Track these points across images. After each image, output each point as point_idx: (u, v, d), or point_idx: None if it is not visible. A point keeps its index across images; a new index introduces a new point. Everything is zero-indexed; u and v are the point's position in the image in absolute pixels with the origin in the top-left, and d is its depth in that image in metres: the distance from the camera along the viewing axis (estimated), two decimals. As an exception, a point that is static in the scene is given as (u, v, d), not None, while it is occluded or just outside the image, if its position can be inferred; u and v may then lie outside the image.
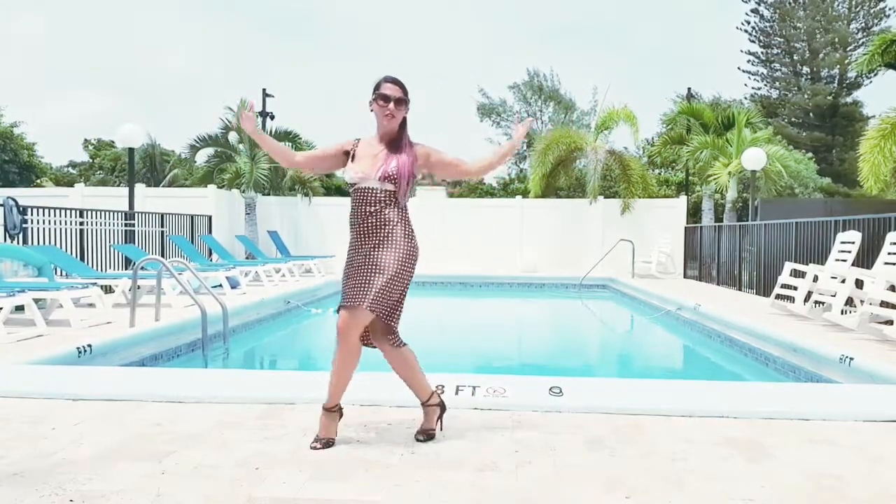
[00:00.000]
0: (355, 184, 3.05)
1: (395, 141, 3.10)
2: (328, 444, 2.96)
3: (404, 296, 3.11)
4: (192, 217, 13.45)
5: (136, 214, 11.41)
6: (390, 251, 3.00)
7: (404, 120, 3.13)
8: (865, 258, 7.40)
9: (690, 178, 19.29)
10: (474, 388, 3.81)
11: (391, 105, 3.04)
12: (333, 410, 3.04)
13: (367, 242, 3.02)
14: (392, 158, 3.05)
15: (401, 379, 3.17)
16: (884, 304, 6.20)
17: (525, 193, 18.64)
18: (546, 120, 38.63)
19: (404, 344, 3.15)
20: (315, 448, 2.92)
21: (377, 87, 3.08)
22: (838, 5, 33.22)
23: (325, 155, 3.22)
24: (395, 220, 3.03)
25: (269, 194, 16.91)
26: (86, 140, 34.33)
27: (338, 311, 3.05)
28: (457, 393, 3.71)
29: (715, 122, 16.49)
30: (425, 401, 3.15)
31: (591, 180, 16.17)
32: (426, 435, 3.07)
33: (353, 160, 3.11)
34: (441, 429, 3.16)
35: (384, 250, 2.99)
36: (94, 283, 7.20)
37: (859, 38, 31.77)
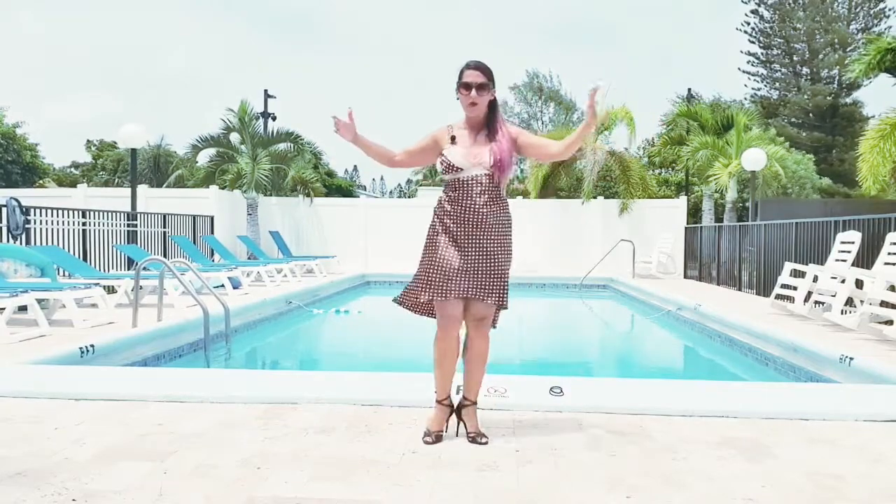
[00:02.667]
0: (459, 169, 3.01)
1: (492, 124, 3.08)
2: (439, 438, 3.02)
3: None
4: (194, 217, 13.47)
5: (138, 215, 11.43)
6: (501, 239, 3.05)
7: (494, 102, 3.10)
8: (865, 258, 7.40)
9: (690, 178, 19.29)
10: (465, 391, 3.81)
11: (473, 92, 3.00)
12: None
13: (476, 231, 3.00)
14: (495, 143, 3.03)
15: (470, 370, 3.11)
16: (884, 304, 6.20)
17: (526, 194, 18.64)
18: (546, 121, 38.65)
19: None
20: (427, 443, 2.97)
21: (460, 74, 3.05)
22: (838, 6, 33.22)
23: (423, 148, 3.18)
24: (500, 205, 3.06)
25: (270, 195, 16.92)
26: (88, 141, 34.39)
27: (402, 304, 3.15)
28: (458, 393, 3.71)
29: (714, 122, 16.50)
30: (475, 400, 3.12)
31: (588, 181, 16.18)
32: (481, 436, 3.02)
33: (453, 144, 3.06)
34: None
35: (494, 239, 3.03)
36: (97, 284, 7.21)
37: (859, 39, 31.75)
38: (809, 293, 7.42)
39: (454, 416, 3.13)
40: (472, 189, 3.01)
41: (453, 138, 3.08)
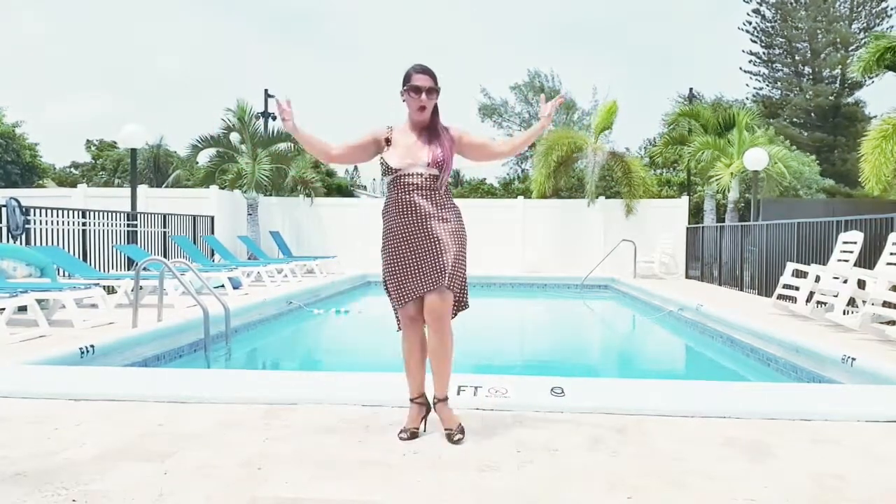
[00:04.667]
0: (398, 171, 3.04)
1: (432, 126, 3.13)
2: (414, 434, 3.08)
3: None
4: (194, 217, 13.47)
5: (138, 215, 11.43)
6: (447, 232, 3.07)
7: (436, 105, 3.14)
8: (867, 258, 7.39)
9: (692, 178, 19.27)
10: (476, 388, 3.81)
11: (423, 96, 3.05)
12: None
13: (421, 229, 3.04)
14: (435, 144, 3.09)
15: (433, 366, 3.15)
16: (886, 304, 6.19)
17: (527, 194, 18.64)
18: (547, 120, 38.53)
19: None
20: (402, 438, 3.03)
21: (407, 77, 3.08)
22: (840, 6, 33.18)
23: (360, 144, 3.18)
24: (444, 202, 3.10)
25: (270, 195, 16.92)
26: (88, 141, 34.39)
27: (397, 306, 3.15)
28: (458, 393, 3.71)
29: (715, 122, 16.49)
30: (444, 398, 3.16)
31: (590, 181, 16.18)
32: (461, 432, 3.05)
33: (389, 147, 3.10)
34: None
35: (441, 232, 3.06)
36: (97, 284, 7.22)
37: (861, 39, 31.73)
38: (811, 293, 7.41)
39: (424, 414, 3.20)
40: (409, 188, 3.05)
41: (388, 140, 3.12)
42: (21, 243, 8.36)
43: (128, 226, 11.12)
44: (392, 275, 3.10)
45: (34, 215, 8.86)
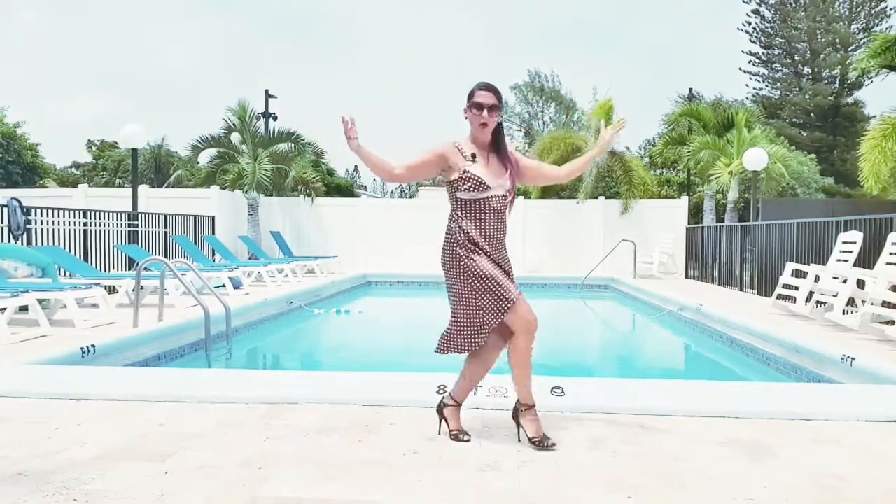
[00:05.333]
0: (487, 188, 3.02)
1: (502, 146, 3.14)
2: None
3: None
4: (195, 217, 13.48)
5: (139, 215, 11.43)
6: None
7: (500, 125, 3.13)
8: (867, 258, 7.40)
9: (692, 178, 19.27)
10: (476, 388, 3.81)
11: (485, 112, 3.03)
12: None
13: (502, 247, 3.10)
14: (509, 166, 3.12)
15: (523, 374, 3.07)
16: (885, 304, 6.20)
17: (527, 194, 18.65)
18: (547, 120, 38.65)
19: None
20: (467, 441, 3.03)
21: (470, 94, 3.08)
22: (839, 6, 33.19)
23: (425, 163, 3.12)
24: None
25: (271, 195, 16.93)
26: (89, 141, 34.41)
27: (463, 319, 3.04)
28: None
29: (715, 122, 16.50)
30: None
31: (586, 180, 16.19)
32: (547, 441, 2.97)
33: (475, 162, 3.05)
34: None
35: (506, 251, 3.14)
36: (98, 284, 7.22)
37: (860, 39, 31.74)
38: (811, 293, 7.41)
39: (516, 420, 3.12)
40: (498, 209, 3.06)
41: (474, 156, 3.07)
42: (22, 243, 8.36)
43: (129, 226, 11.12)
44: (487, 287, 2.95)
45: (35, 215, 8.87)
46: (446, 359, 3.24)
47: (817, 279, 7.30)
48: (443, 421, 3.16)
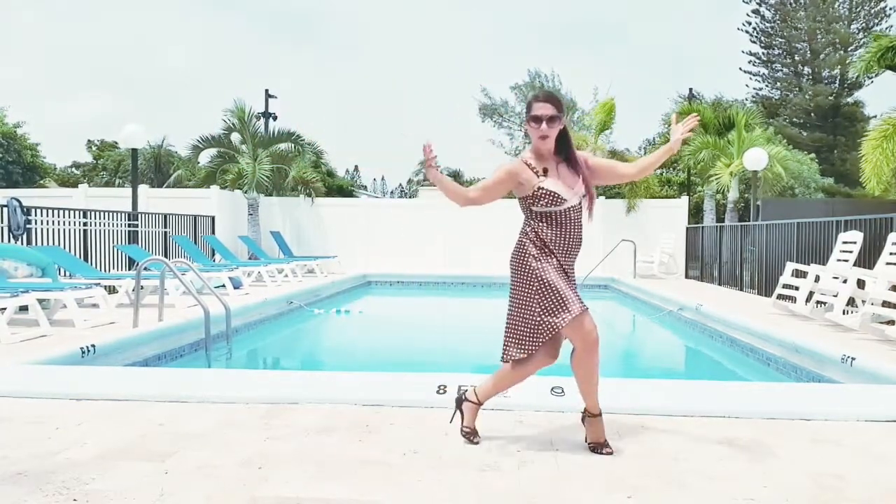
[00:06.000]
0: (564, 201, 2.98)
1: (570, 153, 3.08)
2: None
3: None
4: (195, 217, 13.48)
5: (139, 215, 11.44)
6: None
7: (565, 130, 3.06)
8: (867, 258, 7.40)
9: (692, 178, 19.27)
10: (476, 388, 3.81)
11: (544, 125, 2.97)
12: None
13: (574, 257, 3.09)
14: (581, 171, 3.06)
15: (591, 387, 3.05)
16: (885, 304, 6.19)
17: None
18: (547, 120, 38.51)
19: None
20: (477, 443, 3.01)
21: (528, 107, 3.02)
22: (839, 6, 33.17)
23: (498, 182, 3.09)
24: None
25: (271, 195, 16.93)
26: (89, 141, 34.42)
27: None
28: (454, 391, 3.71)
29: (715, 122, 16.49)
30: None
31: None
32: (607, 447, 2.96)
33: (547, 176, 3.01)
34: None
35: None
36: (98, 284, 7.22)
37: (860, 39, 31.73)
38: (811, 293, 7.41)
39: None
40: (574, 219, 3.03)
41: (546, 170, 3.03)
42: (22, 243, 8.37)
43: (129, 226, 11.12)
44: (551, 294, 2.95)
45: (35, 215, 8.87)
46: (447, 359, 3.24)
47: (817, 279, 7.30)
48: (458, 413, 3.15)
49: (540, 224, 3.03)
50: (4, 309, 5.81)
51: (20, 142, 24.63)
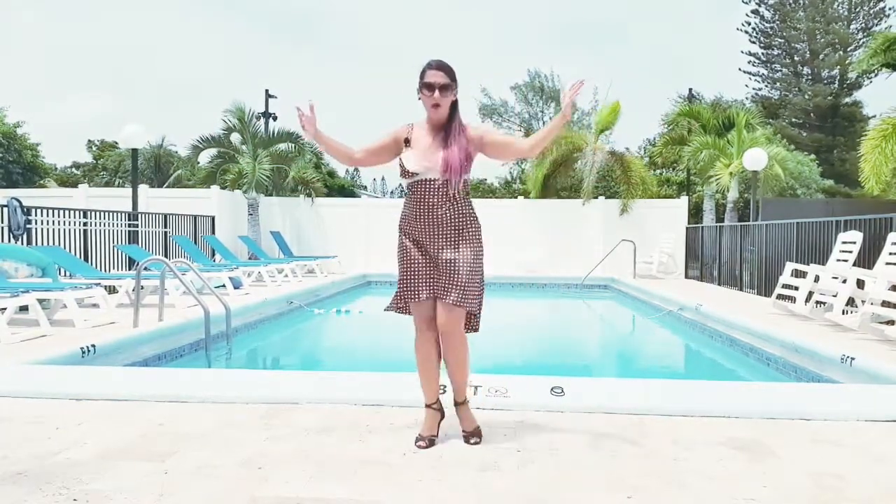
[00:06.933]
0: (415, 174, 2.95)
1: (450, 127, 2.98)
2: (431, 442, 3.00)
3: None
4: (195, 217, 13.48)
5: (139, 215, 11.43)
6: (459, 240, 2.98)
7: (455, 103, 3.01)
8: (867, 258, 7.40)
9: (692, 178, 19.28)
10: (476, 388, 3.82)
11: (436, 93, 2.91)
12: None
13: (435, 233, 2.97)
14: (452, 147, 2.94)
15: (450, 374, 3.10)
16: (885, 304, 6.20)
17: (526, 194, 18.64)
18: (547, 120, 38.62)
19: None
20: (421, 447, 2.95)
21: (422, 74, 2.95)
22: (838, 6, 33.18)
23: (383, 145, 3.07)
24: (462, 210, 3.00)
25: (271, 195, 16.92)
26: (89, 141, 34.39)
27: (390, 309, 3.15)
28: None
29: (714, 122, 16.50)
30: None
31: (587, 181, 16.19)
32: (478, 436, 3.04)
33: (408, 147, 2.99)
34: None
35: (454, 239, 2.97)
36: (98, 284, 7.22)
37: (859, 39, 31.74)
38: (811, 293, 7.41)
39: (439, 419, 3.13)
40: (426, 192, 2.96)
41: (407, 141, 3.02)
42: (22, 243, 8.36)
43: (129, 226, 11.12)
44: (406, 271, 3.02)
45: (35, 215, 8.86)
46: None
47: (817, 279, 7.30)
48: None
49: (405, 196, 3.07)
50: (5, 309, 5.81)
51: (20, 142, 24.62)
